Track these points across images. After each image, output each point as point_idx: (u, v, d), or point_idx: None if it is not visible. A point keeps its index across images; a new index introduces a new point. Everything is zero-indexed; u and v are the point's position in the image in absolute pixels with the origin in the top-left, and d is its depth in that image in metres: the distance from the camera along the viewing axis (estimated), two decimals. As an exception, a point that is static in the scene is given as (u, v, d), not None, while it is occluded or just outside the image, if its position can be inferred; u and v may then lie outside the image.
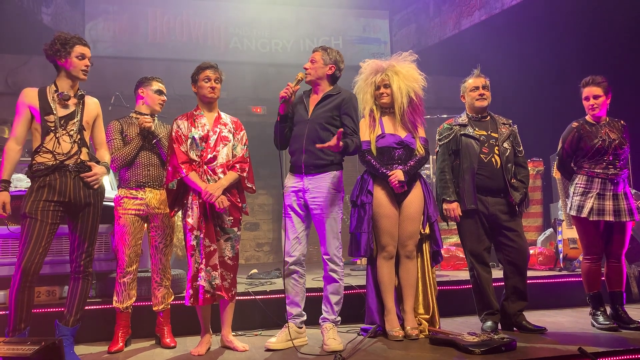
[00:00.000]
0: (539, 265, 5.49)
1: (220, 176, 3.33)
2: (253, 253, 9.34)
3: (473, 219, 3.67)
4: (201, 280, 3.22)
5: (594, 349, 2.97)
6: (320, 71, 3.46)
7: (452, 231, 6.22)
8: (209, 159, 3.34)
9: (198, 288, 3.23)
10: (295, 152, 3.43)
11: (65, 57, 3.09)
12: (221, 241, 3.35)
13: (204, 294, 3.23)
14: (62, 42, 3.08)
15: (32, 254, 2.91)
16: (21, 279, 2.89)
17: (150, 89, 3.64)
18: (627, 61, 6.11)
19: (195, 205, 3.28)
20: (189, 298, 3.26)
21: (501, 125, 3.79)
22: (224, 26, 9.28)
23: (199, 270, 3.23)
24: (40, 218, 2.96)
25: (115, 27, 8.78)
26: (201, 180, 3.28)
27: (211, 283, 3.24)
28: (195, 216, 3.27)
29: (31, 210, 2.96)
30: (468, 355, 2.96)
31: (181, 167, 3.26)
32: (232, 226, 3.37)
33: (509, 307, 3.66)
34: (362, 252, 3.54)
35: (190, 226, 3.27)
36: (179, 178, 3.27)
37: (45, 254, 2.98)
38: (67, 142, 3.07)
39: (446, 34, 8.83)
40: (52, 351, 2.49)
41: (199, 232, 3.26)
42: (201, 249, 3.24)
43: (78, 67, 3.11)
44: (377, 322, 3.58)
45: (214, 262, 3.26)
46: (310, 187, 3.39)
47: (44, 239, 2.95)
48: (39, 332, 3.16)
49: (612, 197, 3.69)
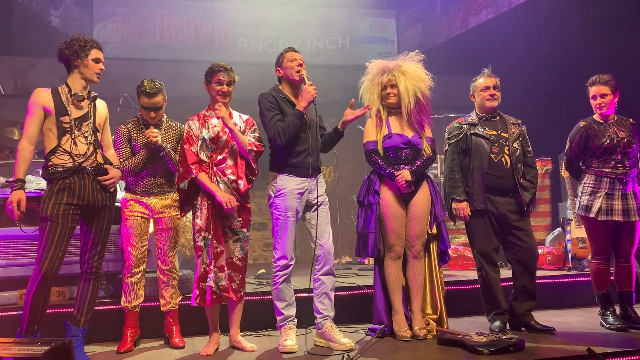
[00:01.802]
0: (547, 264, 5.46)
1: (230, 177, 3.33)
2: (261, 253, 9.35)
3: (482, 218, 3.66)
4: (210, 281, 3.23)
5: (603, 349, 2.95)
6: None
7: (460, 231, 6.20)
8: (219, 160, 3.35)
9: (205, 289, 3.24)
10: (302, 153, 3.40)
11: (82, 59, 3.12)
12: (230, 242, 3.37)
13: (211, 295, 3.24)
14: (81, 43, 3.12)
15: (53, 258, 2.93)
16: (41, 282, 2.91)
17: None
18: (636, 59, 6.06)
19: (204, 206, 3.29)
20: (195, 298, 3.28)
21: (511, 125, 3.77)
22: (231, 27, 9.32)
23: (208, 271, 3.25)
24: (62, 222, 2.98)
25: (123, 28, 8.84)
26: (211, 182, 3.29)
27: (218, 284, 3.25)
28: (204, 217, 3.28)
29: (52, 214, 2.97)
30: (476, 355, 2.95)
31: (191, 168, 3.28)
32: (241, 227, 3.39)
33: (518, 307, 3.65)
34: (369, 252, 3.53)
35: (199, 227, 3.29)
36: (190, 178, 3.28)
37: (64, 257, 3.01)
38: (84, 144, 3.10)
39: (453, 32, 8.81)
40: (62, 352, 2.51)
41: (207, 233, 3.27)
42: (209, 250, 3.26)
43: (93, 70, 3.15)
44: (385, 322, 3.57)
45: (221, 263, 3.27)
46: (313, 187, 3.43)
47: (64, 243, 2.98)
48: (49, 332, 3.19)
49: (621, 196, 3.66)
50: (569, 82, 6.28)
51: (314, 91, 3.34)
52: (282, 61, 3.51)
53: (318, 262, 3.42)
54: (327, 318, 3.38)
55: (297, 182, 3.40)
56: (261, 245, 9.37)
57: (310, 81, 3.39)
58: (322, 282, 3.40)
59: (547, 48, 7.17)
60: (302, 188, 3.40)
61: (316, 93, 3.35)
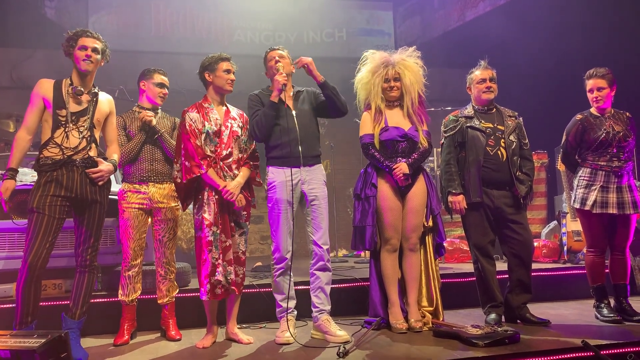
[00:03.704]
0: (543, 257, 5.49)
1: (235, 172, 3.33)
2: (257, 246, 9.36)
3: (478, 211, 3.66)
4: (218, 275, 3.21)
5: (597, 341, 2.97)
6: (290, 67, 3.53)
7: (456, 223, 6.22)
8: (225, 155, 3.32)
9: (216, 283, 3.22)
10: (288, 143, 3.38)
11: (73, 51, 3.12)
12: (236, 236, 3.36)
13: (221, 289, 3.23)
14: (69, 36, 3.12)
15: (39, 249, 2.93)
16: (28, 273, 2.91)
17: (151, 82, 3.64)
18: (633, 53, 6.06)
19: (212, 201, 3.25)
20: (206, 293, 3.23)
21: (507, 118, 3.77)
22: (228, 19, 9.26)
23: (217, 265, 3.22)
24: (48, 213, 2.97)
25: (119, 20, 8.78)
26: (219, 178, 3.27)
27: (227, 277, 3.24)
28: (213, 212, 3.25)
29: (39, 205, 2.97)
30: (471, 347, 2.96)
31: (202, 164, 3.23)
32: (245, 220, 3.41)
33: (513, 299, 3.67)
34: (366, 245, 3.54)
35: (209, 222, 3.23)
36: (198, 174, 3.22)
37: (52, 248, 3.00)
38: (76, 137, 3.09)
39: (450, 25, 8.79)
40: (58, 344, 2.51)
41: (217, 227, 3.24)
42: (218, 244, 3.24)
43: (80, 58, 3.12)
44: (381, 315, 3.59)
45: (229, 257, 3.26)
46: (308, 178, 3.41)
47: (50, 234, 2.97)
48: (46, 324, 3.19)
49: (616, 189, 3.67)
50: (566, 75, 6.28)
51: (283, 79, 3.34)
52: (265, 62, 3.56)
53: (313, 258, 3.43)
54: (323, 312, 3.39)
55: (287, 173, 3.38)
56: (257, 238, 9.37)
57: (281, 71, 3.39)
58: (317, 277, 3.41)
59: (544, 41, 7.16)
60: (294, 179, 3.38)
61: (285, 80, 3.35)
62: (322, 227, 3.42)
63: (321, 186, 3.47)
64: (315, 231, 3.40)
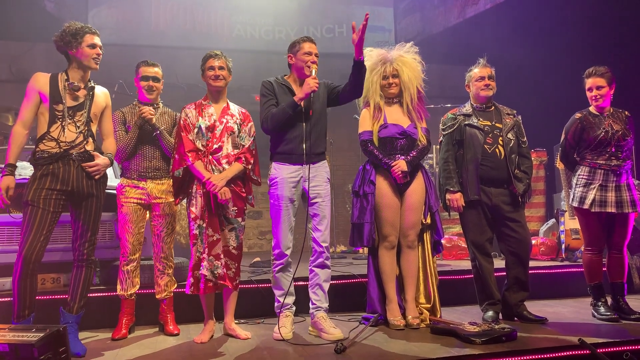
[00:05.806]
0: (540, 255, 5.49)
1: (225, 167, 3.34)
2: (256, 241, 9.37)
3: (476, 209, 3.67)
4: (203, 269, 3.24)
5: (594, 339, 2.98)
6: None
7: (454, 221, 6.23)
8: (215, 149, 3.34)
9: (199, 277, 3.25)
10: (293, 140, 3.38)
11: (76, 48, 3.09)
12: (225, 231, 3.36)
13: (206, 283, 3.25)
14: (72, 33, 3.08)
15: (33, 242, 2.93)
16: (22, 266, 2.92)
17: (137, 77, 3.62)
18: (633, 51, 6.06)
19: (199, 194, 3.29)
20: (189, 286, 3.29)
21: (505, 116, 3.77)
22: (228, 14, 9.25)
23: (201, 259, 3.25)
24: (42, 206, 2.97)
25: (119, 14, 8.76)
26: (206, 170, 3.29)
27: (213, 272, 3.26)
28: (199, 206, 3.29)
29: (33, 198, 2.97)
30: (469, 344, 2.97)
31: (187, 155, 3.27)
32: (236, 216, 3.38)
33: (511, 297, 3.67)
34: (365, 242, 3.54)
35: (194, 215, 3.29)
36: (185, 166, 3.27)
37: (47, 242, 3.00)
38: (73, 132, 3.08)
39: (451, 22, 8.78)
40: (56, 338, 2.52)
41: (202, 221, 3.27)
42: (204, 238, 3.26)
43: (90, 56, 3.11)
44: (379, 311, 3.60)
45: (217, 252, 3.28)
46: (312, 175, 3.39)
47: (45, 227, 2.97)
48: (44, 318, 3.20)
49: (615, 188, 3.68)
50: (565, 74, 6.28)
51: (315, 85, 3.28)
52: (297, 50, 3.43)
53: (313, 254, 3.43)
54: (320, 309, 3.40)
55: (291, 170, 3.38)
56: (256, 234, 9.38)
57: (314, 75, 3.33)
58: (315, 274, 3.42)
59: (544, 39, 7.15)
60: (297, 176, 3.39)
61: (317, 87, 3.30)
62: (323, 225, 3.41)
63: (324, 184, 3.45)
64: (317, 229, 3.41)
